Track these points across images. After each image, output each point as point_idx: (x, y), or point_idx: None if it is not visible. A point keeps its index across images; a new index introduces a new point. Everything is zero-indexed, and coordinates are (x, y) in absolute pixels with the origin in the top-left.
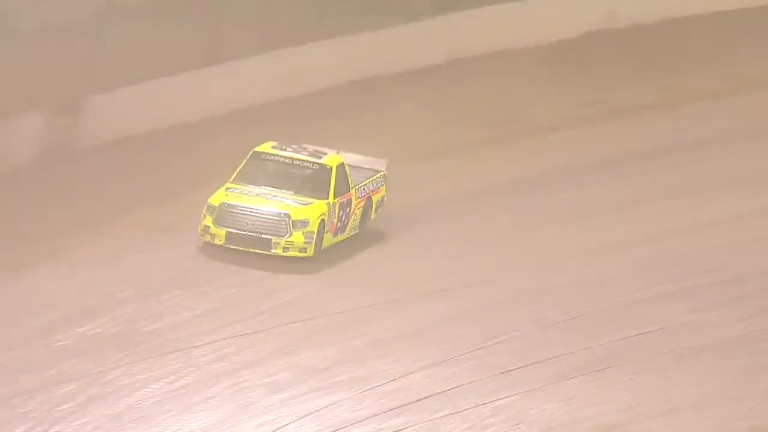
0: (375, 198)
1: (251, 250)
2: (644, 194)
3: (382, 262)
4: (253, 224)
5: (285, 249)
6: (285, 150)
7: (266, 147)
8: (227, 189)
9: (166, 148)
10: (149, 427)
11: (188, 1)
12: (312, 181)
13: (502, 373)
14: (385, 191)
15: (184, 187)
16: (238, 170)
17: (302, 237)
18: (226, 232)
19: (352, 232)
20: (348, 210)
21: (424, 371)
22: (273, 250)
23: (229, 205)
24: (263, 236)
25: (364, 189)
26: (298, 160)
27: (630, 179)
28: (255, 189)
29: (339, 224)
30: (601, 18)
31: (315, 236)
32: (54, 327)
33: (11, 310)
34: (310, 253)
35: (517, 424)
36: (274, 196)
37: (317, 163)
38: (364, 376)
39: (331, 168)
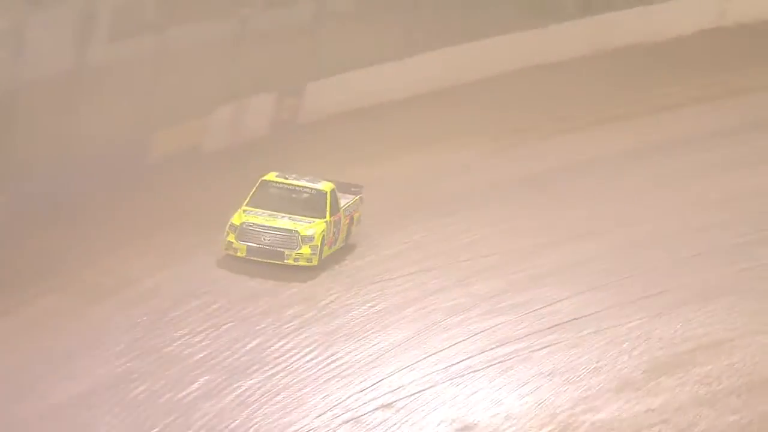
0: (355, 217)
1: (267, 260)
2: (757, 157)
3: (539, 212)
4: (268, 240)
5: (295, 260)
6: (287, 178)
7: (271, 176)
8: (244, 211)
9: (366, 123)
10: (356, 341)
11: (383, 6)
12: (311, 204)
13: (635, 300)
14: (361, 212)
15: (381, 153)
16: (250, 195)
17: (309, 250)
18: (247, 246)
19: (340, 245)
20: (338, 227)
21: (571, 299)
22: (285, 261)
23: (249, 224)
24: (277, 249)
25: (348, 210)
26: (299, 186)
27: (748, 144)
28: (267, 211)
29: (333, 238)
30: (713, 18)
31: (318, 249)
32: None
33: None
34: (314, 262)
35: (647, 340)
36: (283, 216)
37: (315, 189)
38: (523, 302)
39: (326, 192)
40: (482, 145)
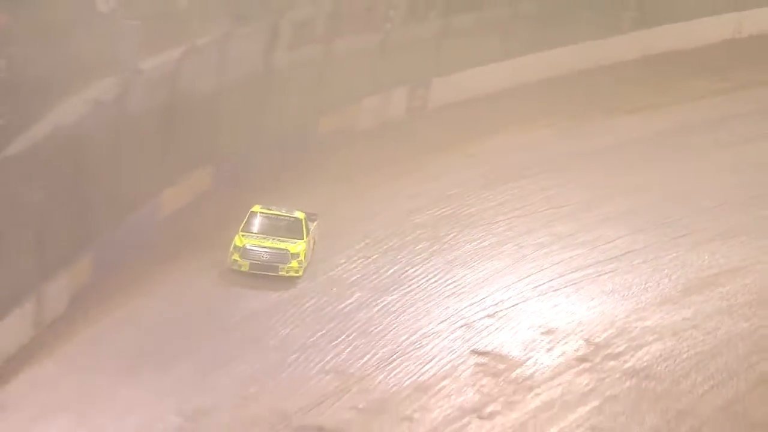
0: (316, 238)
1: (265, 273)
2: (763, 135)
3: (595, 176)
4: (267, 257)
5: (287, 272)
6: (271, 209)
7: (257, 208)
8: (243, 235)
9: (474, 109)
10: (467, 268)
11: (488, 24)
12: (291, 228)
13: (672, 238)
14: (319, 234)
15: (484, 131)
16: (243, 223)
17: (297, 264)
18: (249, 263)
19: (309, 260)
20: (309, 246)
21: (627, 237)
22: (279, 273)
23: (250, 246)
24: (273, 264)
25: (313, 232)
26: (281, 215)
27: (755, 125)
28: (260, 235)
29: (308, 254)
30: (731, 31)
31: (303, 262)
32: (414, 210)
33: (388, 201)
34: (300, 273)
35: (682, 267)
36: (273, 238)
37: (293, 217)
38: (591, 239)
39: (302, 220)
40: (551, 127)
